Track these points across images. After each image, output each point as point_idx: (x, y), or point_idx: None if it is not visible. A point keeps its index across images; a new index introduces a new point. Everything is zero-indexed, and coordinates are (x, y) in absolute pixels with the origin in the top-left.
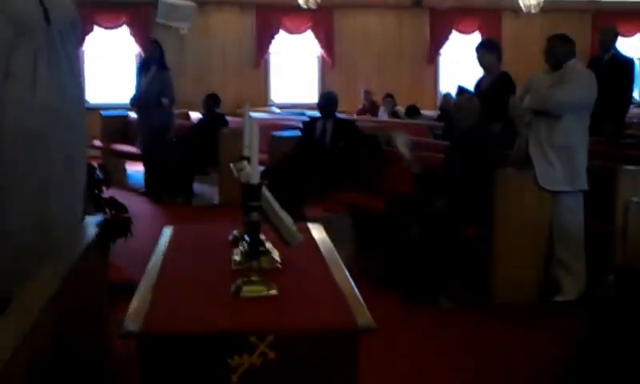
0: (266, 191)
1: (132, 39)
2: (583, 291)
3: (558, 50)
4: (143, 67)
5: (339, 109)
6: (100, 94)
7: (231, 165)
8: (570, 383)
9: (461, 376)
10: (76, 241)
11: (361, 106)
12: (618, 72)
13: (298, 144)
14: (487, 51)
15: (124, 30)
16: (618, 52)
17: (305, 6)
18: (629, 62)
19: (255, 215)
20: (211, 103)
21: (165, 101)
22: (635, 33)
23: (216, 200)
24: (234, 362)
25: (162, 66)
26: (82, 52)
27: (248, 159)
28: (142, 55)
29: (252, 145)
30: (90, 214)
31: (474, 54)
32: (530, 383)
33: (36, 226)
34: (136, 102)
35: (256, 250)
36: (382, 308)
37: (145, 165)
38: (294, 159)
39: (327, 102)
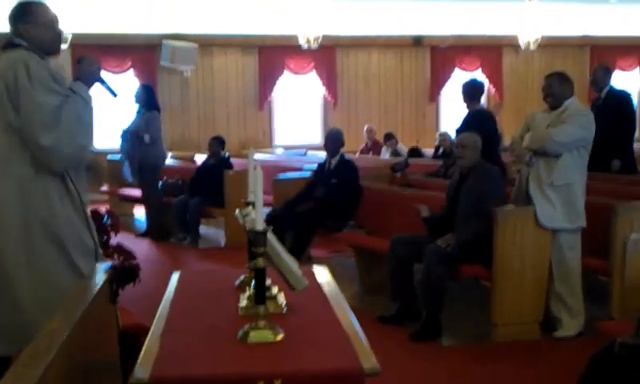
0: (271, 236)
1: (137, 83)
2: (582, 327)
3: (555, 90)
4: (138, 111)
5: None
6: (107, 139)
7: (236, 211)
8: None
9: None
10: (85, 288)
11: (363, 145)
12: (616, 107)
13: (307, 184)
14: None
15: (130, 74)
16: (613, 88)
17: (307, 46)
18: (625, 96)
19: (261, 261)
20: (216, 145)
21: (146, 137)
22: (633, 67)
23: (222, 242)
24: None
25: (150, 107)
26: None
27: (253, 205)
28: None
29: (256, 191)
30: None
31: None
32: None
33: None
34: (122, 137)
35: (262, 296)
36: (386, 346)
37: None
38: (300, 200)
39: (331, 139)
